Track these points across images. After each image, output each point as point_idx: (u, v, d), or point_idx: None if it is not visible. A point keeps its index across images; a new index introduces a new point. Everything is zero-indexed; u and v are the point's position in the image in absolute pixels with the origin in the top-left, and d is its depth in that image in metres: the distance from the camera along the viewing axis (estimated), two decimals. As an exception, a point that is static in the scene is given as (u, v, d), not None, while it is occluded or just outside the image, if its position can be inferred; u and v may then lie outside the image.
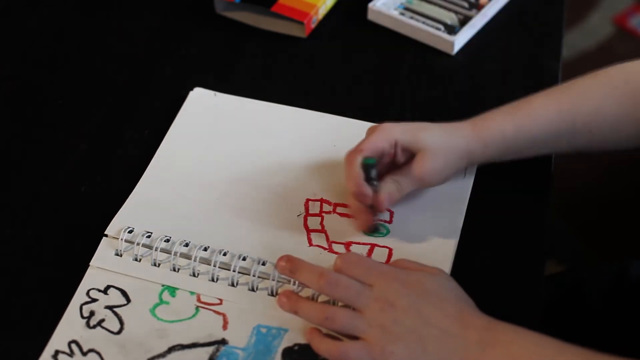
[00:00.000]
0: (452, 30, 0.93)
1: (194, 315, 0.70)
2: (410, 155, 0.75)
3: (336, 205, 0.78)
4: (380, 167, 0.75)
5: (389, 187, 0.74)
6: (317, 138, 0.84)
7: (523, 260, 0.74)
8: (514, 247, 0.75)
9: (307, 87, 0.91)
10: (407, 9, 0.96)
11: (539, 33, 0.97)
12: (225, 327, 0.69)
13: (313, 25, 0.97)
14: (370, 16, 0.97)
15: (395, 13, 0.95)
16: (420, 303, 0.64)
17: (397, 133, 0.75)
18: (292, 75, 0.93)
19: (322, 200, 0.78)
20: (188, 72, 0.93)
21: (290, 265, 0.69)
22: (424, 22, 0.94)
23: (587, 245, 1.26)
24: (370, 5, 0.96)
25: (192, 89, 0.89)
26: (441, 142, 0.75)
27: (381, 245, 0.74)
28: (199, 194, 0.79)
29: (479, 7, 0.96)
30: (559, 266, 1.19)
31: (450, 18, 0.94)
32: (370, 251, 0.74)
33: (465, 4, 0.96)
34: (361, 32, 0.98)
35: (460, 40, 0.93)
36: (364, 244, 0.75)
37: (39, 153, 0.85)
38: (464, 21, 0.94)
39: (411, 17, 0.95)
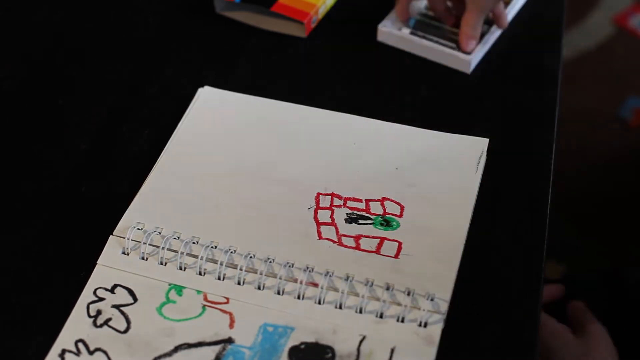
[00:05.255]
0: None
1: (200, 314, 0.70)
2: None
3: (347, 199, 0.78)
4: None
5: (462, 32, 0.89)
6: (327, 134, 0.84)
7: (523, 260, 0.74)
8: (514, 247, 0.75)
9: (307, 87, 0.91)
10: (416, 27, 0.95)
11: (539, 33, 0.97)
12: (231, 325, 0.69)
13: (313, 25, 0.97)
14: (380, 38, 0.95)
15: (405, 33, 0.93)
16: None
17: None
18: (292, 75, 0.93)
19: (332, 195, 0.78)
20: (188, 71, 0.93)
21: None
22: (437, 42, 0.92)
23: (587, 245, 1.26)
24: (380, 26, 0.94)
25: (192, 89, 0.89)
26: None
27: (391, 239, 0.74)
28: (209, 189, 0.79)
29: (489, 22, 0.95)
30: (558, 266, 1.19)
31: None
32: (380, 245, 0.74)
33: None
34: (361, 32, 0.98)
35: (476, 58, 0.92)
36: (373, 237, 0.75)
37: (39, 153, 0.84)
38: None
39: (423, 37, 0.93)
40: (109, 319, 0.69)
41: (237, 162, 0.81)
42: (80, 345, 0.67)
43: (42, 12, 1.01)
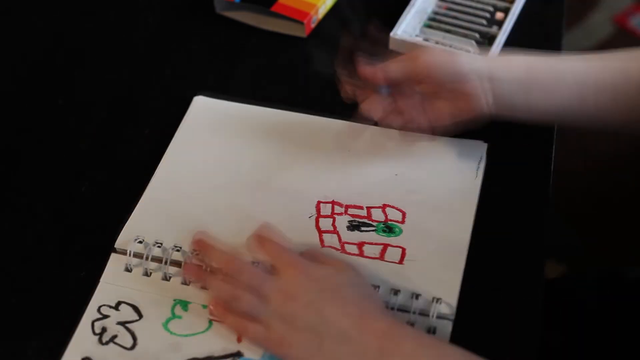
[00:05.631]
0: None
1: (207, 329, 0.69)
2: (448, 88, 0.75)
3: (347, 206, 0.77)
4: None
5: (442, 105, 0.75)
6: (324, 142, 0.84)
7: (523, 260, 0.74)
8: (514, 247, 0.75)
9: (307, 87, 0.91)
10: (427, 28, 0.94)
11: (539, 33, 0.97)
12: (239, 339, 0.68)
13: (313, 25, 0.97)
14: (392, 46, 0.93)
15: (419, 40, 0.93)
16: (321, 300, 0.64)
17: (432, 56, 0.75)
18: (292, 75, 0.93)
19: (333, 202, 0.78)
20: (188, 72, 0.93)
21: (199, 248, 0.70)
22: (451, 46, 0.92)
23: (587, 245, 1.26)
24: (392, 34, 0.93)
25: (192, 89, 0.88)
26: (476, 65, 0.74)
27: (394, 245, 0.74)
28: (209, 200, 0.78)
29: (497, 22, 0.95)
30: (558, 266, 1.19)
31: (471, 44, 0.93)
32: (383, 251, 0.74)
33: (484, 21, 0.95)
34: (361, 31, 0.97)
35: None
36: (376, 244, 0.74)
37: (39, 153, 0.85)
38: (485, 36, 0.93)
39: (436, 42, 0.92)
40: (115, 336, 0.68)
41: (235, 172, 0.81)
42: None
43: (42, 12, 1.01)
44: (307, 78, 0.92)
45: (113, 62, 0.95)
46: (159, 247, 0.73)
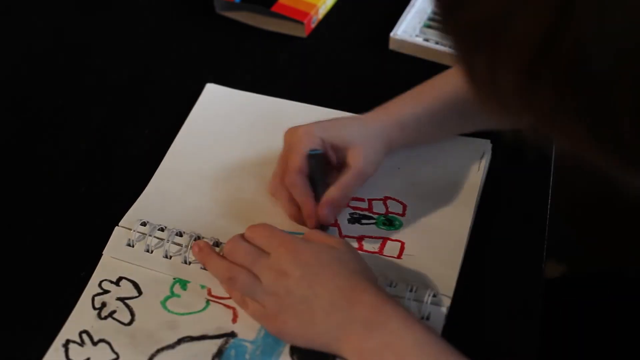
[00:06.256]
0: None
1: (204, 309, 0.70)
2: (338, 154, 0.75)
3: (350, 199, 0.78)
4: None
5: (331, 193, 0.73)
6: None
7: (523, 260, 0.74)
8: (514, 247, 0.75)
9: (307, 87, 0.91)
10: (429, 26, 0.94)
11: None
12: (234, 320, 0.69)
13: (313, 25, 0.97)
14: (392, 46, 0.94)
15: (419, 40, 0.93)
16: (312, 274, 0.65)
17: (318, 132, 0.75)
18: (292, 75, 0.93)
19: None
20: (188, 72, 0.93)
21: (200, 255, 0.71)
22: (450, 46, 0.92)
23: (587, 245, 1.26)
24: (392, 34, 0.93)
25: (192, 89, 0.89)
26: (365, 133, 0.76)
27: (393, 239, 0.74)
28: (213, 188, 0.79)
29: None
30: (558, 266, 1.19)
31: None
32: (383, 245, 0.74)
33: None
34: (360, 31, 0.98)
35: None
36: (376, 237, 0.75)
37: (39, 153, 0.84)
38: None
39: (437, 43, 0.92)
40: (114, 311, 0.70)
41: (241, 161, 0.81)
42: (84, 336, 0.68)
43: (42, 12, 1.01)
44: (307, 78, 0.92)
45: (113, 61, 0.95)
46: (161, 230, 0.74)
